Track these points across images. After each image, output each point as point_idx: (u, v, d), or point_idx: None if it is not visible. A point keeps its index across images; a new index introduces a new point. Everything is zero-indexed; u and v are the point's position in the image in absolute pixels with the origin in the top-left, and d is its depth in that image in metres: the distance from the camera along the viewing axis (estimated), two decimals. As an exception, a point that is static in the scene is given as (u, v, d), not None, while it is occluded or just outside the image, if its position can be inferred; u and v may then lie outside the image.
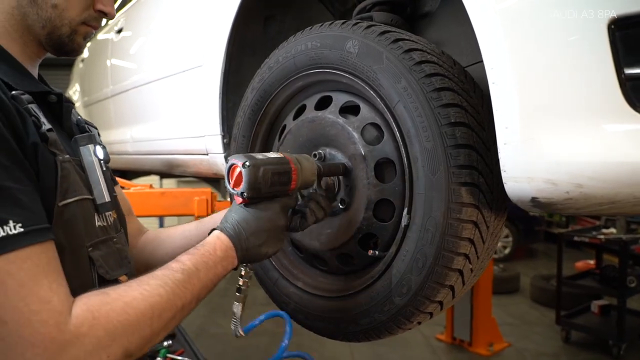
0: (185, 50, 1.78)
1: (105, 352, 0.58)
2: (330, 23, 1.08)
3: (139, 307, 0.62)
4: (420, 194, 0.87)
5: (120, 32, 2.56)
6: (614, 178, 0.66)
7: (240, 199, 0.82)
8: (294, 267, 1.19)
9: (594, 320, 4.35)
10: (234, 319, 0.87)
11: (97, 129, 0.96)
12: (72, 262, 0.68)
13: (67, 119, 0.81)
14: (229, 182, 0.82)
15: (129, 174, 3.36)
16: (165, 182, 7.15)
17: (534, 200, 0.75)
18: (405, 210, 0.91)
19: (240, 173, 0.79)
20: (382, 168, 0.99)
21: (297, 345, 4.07)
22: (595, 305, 4.46)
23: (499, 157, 0.76)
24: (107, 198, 0.78)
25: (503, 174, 0.76)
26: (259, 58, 1.28)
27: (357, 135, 1.01)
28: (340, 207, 1.05)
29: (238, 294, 0.87)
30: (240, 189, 0.79)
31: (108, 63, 2.72)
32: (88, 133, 0.82)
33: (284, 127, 1.21)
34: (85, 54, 3.46)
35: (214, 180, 3.66)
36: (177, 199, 1.79)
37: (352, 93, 1.08)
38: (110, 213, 0.82)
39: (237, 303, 0.87)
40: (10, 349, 0.54)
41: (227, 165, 0.83)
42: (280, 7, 1.52)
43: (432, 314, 0.94)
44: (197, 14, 1.70)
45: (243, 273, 0.87)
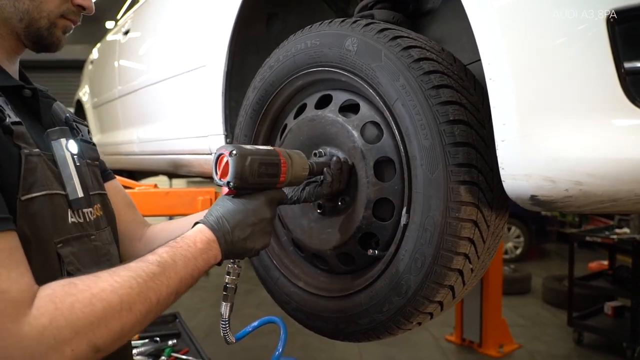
0: (190, 51, 1.79)
1: (69, 345, 0.55)
2: (330, 21, 1.07)
3: (108, 299, 0.58)
4: (419, 193, 0.86)
5: (127, 33, 2.58)
6: (614, 175, 0.64)
7: (227, 190, 0.79)
8: (295, 266, 1.18)
9: (607, 322, 4.28)
10: (223, 322, 0.83)
11: (87, 127, 0.95)
12: (38, 257, 0.65)
13: (45, 114, 0.80)
14: (216, 173, 0.79)
15: (137, 175, 3.39)
16: (175, 182, 7.20)
17: (534, 199, 0.73)
18: (404, 210, 0.90)
19: (227, 163, 0.76)
20: (381, 167, 0.98)
21: (305, 346, 4.09)
22: (609, 307, 4.38)
23: (497, 154, 0.75)
24: (80, 194, 0.75)
25: (501, 172, 0.75)
26: (263, 57, 1.28)
27: (356, 134, 1.01)
28: (341, 206, 1.04)
29: (225, 293, 0.83)
30: (227, 179, 0.77)
31: (116, 64, 2.75)
32: (59, 127, 0.79)
33: (285, 126, 1.21)
34: (95, 55, 3.50)
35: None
36: (181, 199, 1.79)
37: (351, 91, 1.07)
38: (91, 210, 0.79)
39: (224, 303, 0.83)
40: None
41: (214, 156, 0.80)
42: (283, 5, 1.52)
43: (432, 315, 0.93)
44: (200, 14, 1.70)
45: (229, 270, 0.83)
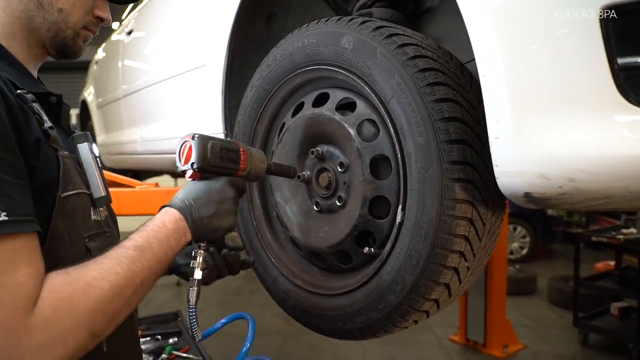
0: (191, 50, 1.79)
1: (71, 334, 0.58)
2: (327, 19, 1.07)
3: (100, 286, 0.62)
4: (414, 191, 0.86)
5: (131, 33, 2.59)
6: (607, 172, 0.64)
7: (191, 172, 0.82)
8: (294, 264, 1.18)
9: (613, 323, 4.23)
10: (190, 310, 0.81)
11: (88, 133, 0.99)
12: (71, 251, 0.70)
13: (64, 119, 0.86)
14: (180, 160, 0.83)
15: (142, 174, 3.40)
16: (181, 181, 7.23)
17: (528, 196, 0.73)
18: (400, 207, 0.90)
19: (191, 147, 0.80)
20: (378, 164, 0.98)
21: (309, 345, 4.09)
22: (615, 307, 4.33)
23: (491, 151, 0.75)
24: (103, 192, 0.81)
25: (495, 169, 0.75)
26: (262, 56, 1.28)
27: (353, 132, 1.01)
28: (338, 204, 1.04)
29: (191, 278, 0.83)
30: (190, 160, 0.80)
31: (119, 64, 2.76)
32: (84, 132, 0.86)
33: (283, 124, 1.21)
34: (99, 55, 3.52)
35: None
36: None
37: (348, 89, 1.07)
38: (102, 209, 0.84)
39: (191, 288, 0.82)
40: None
41: (178, 145, 0.84)
42: (282, 4, 1.52)
43: (428, 313, 0.92)
44: (200, 13, 1.71)
45: (196, 255, 0.83)
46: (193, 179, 0.83)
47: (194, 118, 1.77)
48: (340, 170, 1.04)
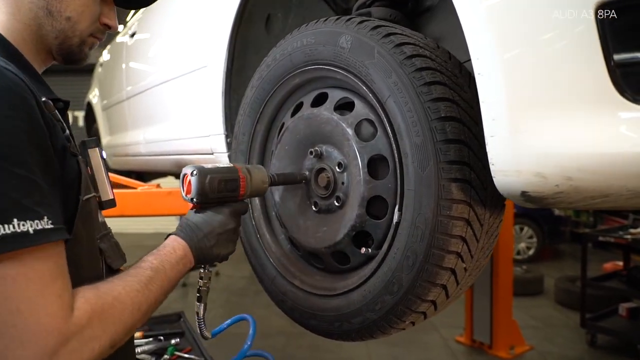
0: (192, 52, 1.80)
1: (98, 342, 0.63)
2: (325, 19, 1.07)
3: (124, 301, 0.68)
4: (411, 191, 0.85)
5: (134, 35, 2.61)
6: (605, 170, 0.63)
7: (192, 205, 0.90)
8: (292, 265, 1.18)
9: (622, 324, 4.18)
10: (198, 320, 0.94)
11: (97, 138, 1.02)
12: (88, 252, 0.76)
13: (68, 123, 0.87)
14: (183, 190, 0.89)
15: (146, 176, 3.42)
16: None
17: (525, 195, 0.72)
18: (397, 207, 0.90)
19: (190, 181, 0.87)
20: (375, 164, 0.97)
21: (312, 346, 4.08)
22: (623, 308, 4.28)
23: (487, 150, 0.74)
24: (110, 196, 0.87)
25: (491, 168, 0.74)
26: (263, 57, 1.28)
27: (350, 132, 1.00)
28: (336, 204, 1.04)
29: (198, 295, 0.94)
30: (190, 195, 0.87)
31: (123, 66, 2.78)
32: (94, 137, 0.92)
33: (283, 124, 1.21)
34: (104, 58, 3.54)
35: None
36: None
37: (346, 89, 1.06)
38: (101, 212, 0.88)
39: (198, 304, 0.94)
40: (21, 338, 0.57)
41: (181, 176, 0.90)
42: (282, 5, 1.52)
43: (425, 314, 0.92)
44: (200, 15, 1.71)
45: (202, 275, 0.93)
46: (194, 208, 0.90)
47: (195, 119, 1.77)
48: (339, 170, 1.03)
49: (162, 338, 1.85)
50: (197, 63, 1.70)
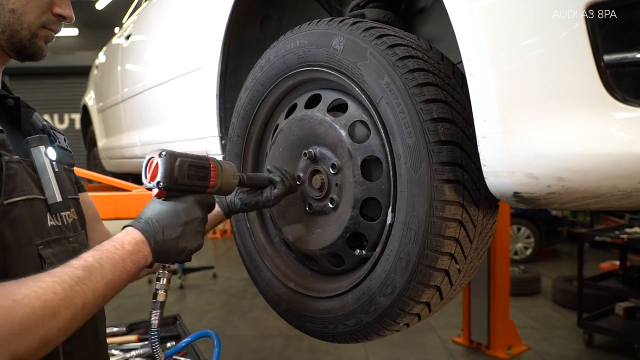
0: (187, 54, 1.80)
1: None
2: (318, 21, 1.07)
3: (30, 305, 0.56)
4: (403, 192, 0.85)
5: (129, 37, 2.60)
6: (595, 170, 0.63)
7: (157, 191, 0.78)
8: (287, 267, 1.18)
9: (619, 323, 4.19)
10: (152, 333, 0.79)
11: (63, 135, 0.97)
12: (19, 259, 0.68)
13: (25, 123, 0.83)
14: (146, 176, 0.79)
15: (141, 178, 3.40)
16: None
17: (517, 195, 0.72)
18: (390, 209, 0.89)
19: (157, 165, 0.77)
20: (369, 166, 0.97)
21: (312, 349, 4.08)
22: (620, 308, 4.29)
23: (479, 151, 0.74)
24: (58, 198, 0.78)
25: (483, 169, 0.74)
26: (257, 59, 1.28)
27: (344, 133, 1.00)
28: (330, 206, 1.04)
29: (154, 300, 0.80)
30: (157, 179, 0.77)
31: (119, 68, 2.77)
32: (39, 135, 0.83)
33: (277, 126, 1.21)
34: (100, 60, 3.54)
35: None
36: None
37: (340, 91, 1.06)
38: (68, 213, 0.82)
39: (153, 311, 0.79)
40: None
41: (144, 161, 0.80)
42: (276, 7, 1.52)
43: (419, 316, 0.91)
44: (194, 17, 1.71)
45: (159, 275, 0.80)
46: (159, 197, 0.79)
47: (190, 121, 1.77)
48: (333, 172, 1.03)
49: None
50: (191, 65, 1.70)
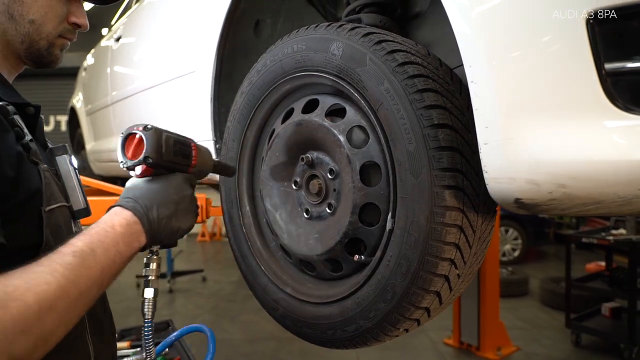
0: (180, 57, 1.78)
1: None
2: (316, 25, 1.07)
3: (23, 299, 0.51)
4: (404, 198, 0.85)
5: (119, 39, 2.57)
6: (597, 177, 0.63)
7: (141, 169, 0.73)
8: (284, 272, 1.17)
9: (605, 323, 4.26)
10: (146, 325, 0.74)
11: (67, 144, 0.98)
12: None
13: (40, 131, 0.84)
14: (125, 155, 0.73)
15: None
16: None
17: (518, 202, 0.72)
18: (390, 214, 0.89)
19: (141, 139, 0.72)
20: (368, 171, 0.97)
21: (302, 352, 4.06)
22: (606, 308, 4.37)
23: (480, 157, 0.74)
24: (83, 205, 0.80)
25: (485, 175, 0.74)
26: (252, 62, 1.28)
27: (342, 138, 1.00)
28: (328, 211, 1.03)
29: (146, 288, 0.75)
30: (143, 154, 0.71)
31: (108, 71, 2.74)
32: (63, 144, 0.84)
33: (273, 131, 1.20)
34: (89, 62, 3.49)
35: (217, 186, 3.65)
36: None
37: (338, 96, 1.06)
38: (78, 221, 0.83)
39: (146, 299, 0.75)
40: None
41: (121, 137, 0.74)
42: (271, 10, 1.51)
43: (419, 321, 0.92)
44: (188, 20, 1.70)
45: (148, 261, 0.76)
46: (143, 176, 0.74)
47: (183, 125, 1.75)
48: (330, 177, 1.03)
49: (150, 347, 1.82)
50: (185, 68, 1.68)
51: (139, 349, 1.80)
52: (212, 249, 9.27)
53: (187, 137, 0.82)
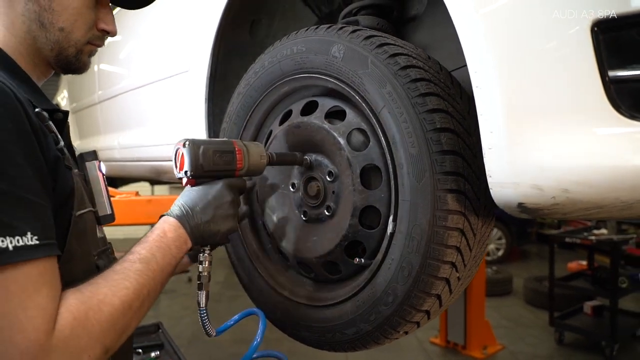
0: (172, 56, 1.76)
1: (86, 353, 0.60)
2: (316, 27, 1.06)
3: (112, 302, 0.64)
4: (406, 201, 0.86)
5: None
6: (600, 182, 0.64)
7: (186, 180, 0.83)
8: (281, 275, 1.17)
9: (587, 321, 4.35)
10: (201, 312, 0.86)
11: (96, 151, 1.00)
12: (82, 269, 0.72)
13: (67, 136, 0.85)
14: (176, 168, 0.83)
15: (117, 181, 3.32)
16: (157, 188, 7.09)
17: (521, 206, 0.73)
18: (391, 218, 0.90)
19: (183, 153, 0.81)
20: (368, 174, 0.97)
21: (291, 352, 4.04)
22: (588, 306, 4.46)
23: (484, 162, 0.75)
24: (109, 210, 0.85)
25: (489, 180, 0.75)
26: (247, 63, 1.26)
27: (342, 141, 1.00)
28: (326, 213, 1.03)
29: (199, 282, 0.86)
30: (184, 169, 0.81)
31: (95, 68, 2.69)
32: (93, 150, 0.89)
33: (270, 132, 1.20)
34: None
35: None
36: (164, 207, 1.76)
37: (338, 98, 1.06)
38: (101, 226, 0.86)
39: (199, 292, 0.86)
40: (2, 354, 0.55)
41: (173, 152, 0.84)
42: (267, 10, 1.50)
43: (419, 324, 0.92)
44: (183, 19, 1.68)
45: (201, 259, 0.86)
46: (190, 185, 0.84)
47: (177, 125, 1.73)
48: (329, 180, 1.03)
49: (140, 351, 1.80)
50: (178, 67, 1.66)
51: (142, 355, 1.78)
52: (197, 249, 9.18)
53: (230, 143, 0.87)
